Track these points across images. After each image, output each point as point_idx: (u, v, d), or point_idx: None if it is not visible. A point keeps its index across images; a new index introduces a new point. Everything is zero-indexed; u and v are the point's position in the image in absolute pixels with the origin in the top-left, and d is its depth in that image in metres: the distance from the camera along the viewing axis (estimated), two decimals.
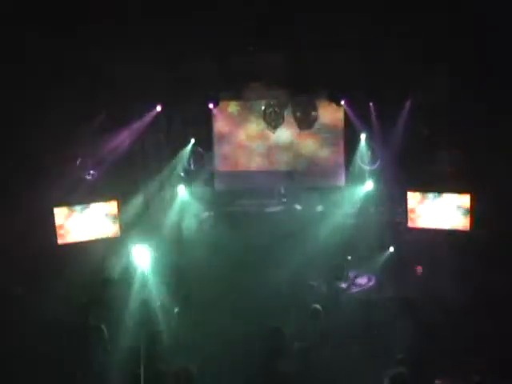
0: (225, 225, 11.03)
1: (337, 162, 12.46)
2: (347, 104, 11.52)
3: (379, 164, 11.39)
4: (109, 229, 10.48)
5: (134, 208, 11.06)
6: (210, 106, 11.82)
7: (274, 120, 11.97)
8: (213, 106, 11.72)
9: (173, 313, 8.27)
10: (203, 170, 12.07)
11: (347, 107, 11.58)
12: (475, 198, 9.96)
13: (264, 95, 11.72)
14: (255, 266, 10.41)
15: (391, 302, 8.51)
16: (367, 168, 11.50)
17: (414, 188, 10.53)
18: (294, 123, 12.15)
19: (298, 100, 11.74)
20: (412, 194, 10.51)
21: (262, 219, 11.17)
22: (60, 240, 10.10)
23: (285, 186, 11.71)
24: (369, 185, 11.26)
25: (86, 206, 10.35)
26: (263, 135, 12.54)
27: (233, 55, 10.09)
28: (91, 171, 10.81)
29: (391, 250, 10.32)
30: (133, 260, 9.94)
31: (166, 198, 11.57)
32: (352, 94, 10.92)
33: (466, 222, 10.07)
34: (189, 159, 11.80)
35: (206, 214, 11.58)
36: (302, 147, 12.53)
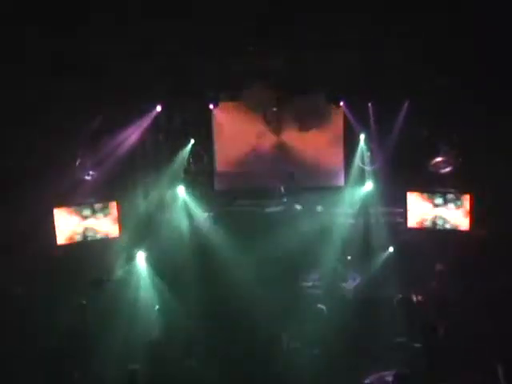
0: (225, 225, 11.02)
1: (336, 163, 12.45)
2: (346, 105, 11.51)
3: (379, 164, 11.39)
4: (108, 229, 10.48)
5: (134, 209, 11.05)
6: (210, 107, 11.80)
7: (273, 121, 11.98)
8: (213, 106, 11.71)
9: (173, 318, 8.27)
10: (203, 171, 12.05)
11: (346, 108, 11.57)
12: (475, 198, 9.98)
13: (264, 96, 11.71)
14: (255, 266, 10.45)
15: (391, 302, 8.53)
16: (367, 168, 11.49)
17: (414, 188, 10.54)
18: (294, 124, 12.16)
19: (298, 101, 11.74)
20: (411, 194, 10.52)
21: (262, 219, 11.16)
22: (59, 240, 10.10)
23: (285, 186, 11.70)
24: (368, 185, 11.27)
25: (86, 206, 10.35)
26: (263, 136, 12.54)
27: (233, 56, 10.09)
28: (91, 172, 10.79)
29: (391, 249, 10.34)
30: (132, 260, 10.01)
31: (165, 199, 11.55)
32: (351, 94, 10.92)
33: (466, 222, 10.09)
34: (188, 159, 11.78)
35: (206, 214, 11.57)
36: (302, 148, 12.53)
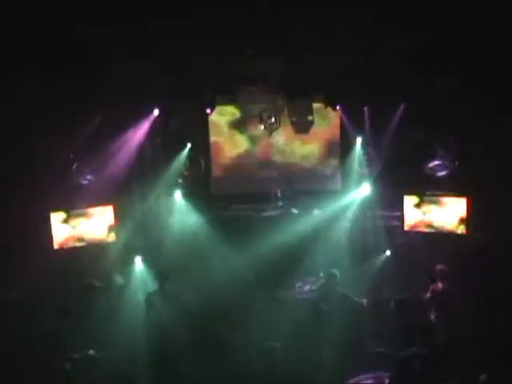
0: (221, 229, 11.01)
1: (333, 166, 12.49)
2: (342, 108, 11.52)
3: (375, 168, 11.40)
4: (105, 234, 10.47)
5: (131, 213, 11.03)
6: (207, 111, 11.80)
7: (270, 124, 11.98)
8: (209, 110, 11.71)
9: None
10: (200, 175, 12.04)
11: (342, 112, 11.58)
12: (471, 201, 9.98)
13: (260, 99, 11.73)
14: (253, 270, 10.44)
15: (388, 305, 8.51)
16: (363, 172, 11.49)
17: (411, 191, 10.54)
18: (291, 127, 12.18)
19: (295, 104, 11.75)
20: (408, 197, 10.52)
21: (259, 223, 11.15)
22: (56, 245, 10.08)
23: (281, 190, 11.69)
24: (365, 189, 11.26)
25: (83, 210, 10.34)
26: (259, 139, 12.56)
27: (230, 59, 10.10)
28: (88, 176, 10.79)
29: (388, 253, 10.33)
30: (129, 265, 9.99)
31: (162, 203, 11.54)
32: (348, 98, 10.93)
33: (463, 225, 10.09)
34: (185, 164, 11.78)
35: (203, 218, 11.56)
36: (299, 151, 12.56)
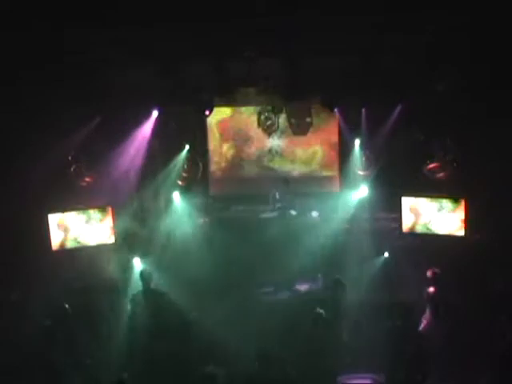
0: (220, 230, 11.02)
1: (331, 168, 12.50)
2: (340, 110, 11.51)
3: (373, 169, 11.40)
4: (103, 235, 10.45)
5: (129, 214, 11.02)
6: (206, 113, 11.78)
7: (268, 126, 11.98)
8: (208, 112, 11.70)
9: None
10: (198, 176, 12.03)
11: (340, 114, 11.58)
12: (470, 203, 9.98)
13: (259, 101, 11.73)
14: (250, 272, 10.45)
15: (387, 307, 8.53)
16: (361, 174, 11.50)
17: (409, 193, 10.55)
18: (289, 129, 12.18)
19: (293, 106, 11.76)
20: (406, 199, 10.53)
21: (257, 225, 11.16)
22: (54, 246, 10.07)
23: (279, 191, 11.69)
24: (363, 190, 11.27)
25: (81, 212, 10.32)
26: (258, 141, 12.56)
27: (228, 60, 10.09)
28: (86, 178, 10.78)
29: (386, 255, 10.34)
30: (128, 267, 9.98)
31: (160, 204, 11.53)
32: (345, 99, 10.92)
33: (461, 227, 10.09)
34: (183, 165, 11.77)
35: (201, 220, 11.56)
36: (297, 153, 12.57)
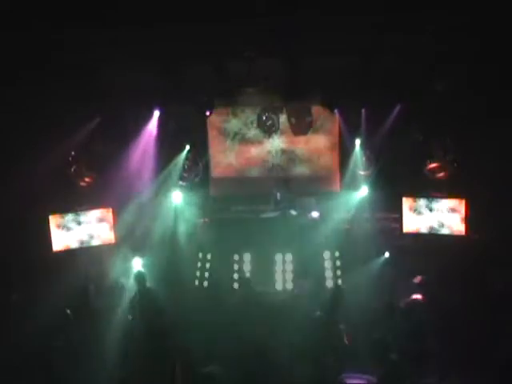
0: (220, 230, 11.02)
1: (332, 168, 12.48)
2: (340, 110, 11.52)
3: (374, 169, 11.41)
4: (104, 236, 10.47)
5: (129, 215, 11.02)
6: (207, 114, 11.78)
7: (268, 126, 11.98)
8: (208, 112, 11.70)
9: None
10: (198, 176, 12.03)
11: (340, 114, 11.58)
12: (470, 203, 9.99)
13: (259, 101, 11.73)
14: (250, 271, 10.46)
15: (387, 307, 8.52)
16: (362, 174, 11.50)
17: (409, 193, 10.56)
18: (289, 129, 12.17)
19: (293, 106, 11.75)
20: (407, 199, 10.54)
21: (258, 225, 11.15)
22: (55, 247, 10.08)
23: (280, 191, 11.69)
24: (364, 190, 11.27)
25: (81, 213, 10.33)
26: (258, 141, 12.56)
27: (229, 61, 10.09)
28: (86, 178, 10.78)
29: (386, 255, 10.34)
30: (128, 267, 9.99)
31: (160, 205, 11.53)
32: (346, 100, 10.92)
33: (461, 227, 10.10)
34: (184, 165, 11.77)
35: (201, 220, 11.55)
36: (297, 153, 12.55)
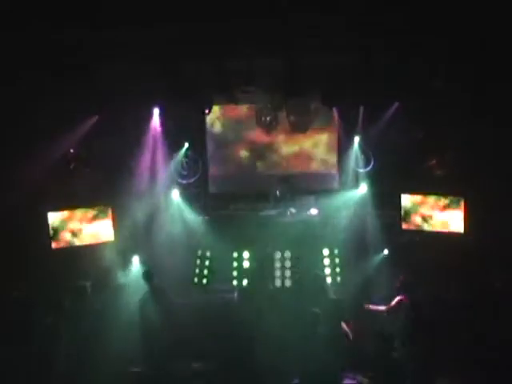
0: (219, 228, 11.03)
1: (331, 165, 12.49)
2: (339, 107, 11.51)
3: (373, 166, 11.42)
4: (103, 234, 10.47)
5: (128, 212, 11.02)
6: (206, 111, 11.77)
7: (268, 123, 11.98)
8: (207, 110, 11.70)
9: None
10: (197, 174, 12.04)
11: (339, 111, 11.58)
12: (469, 200, 10.00)
13: (258, 99, 11.72)
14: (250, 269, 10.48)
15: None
16: (361, 171, 11.51)
17: (408, 191, 10.57)
18: (289, 126, 12.16)
19: (292, 103, 11.73)
20: (406, 196, 10.55)
21: (257, 222, 11.17)
22: (54, 245, 10.08)
23: (280, 189, 11.70)
24: (363, 187, 11.28)
25: (80, 210, 10.33)
26: (257, 138, 12.56)
27: (228, 58, 10.08)
28: (85, 175, 10.78)
29: (385, 252, 10.36)
30: (128, 265, 10.01)
31: (160, 202, 11.53)
32: (345, 97, 10.92)
33: (460, 224, 10.11)
34: (182, 163, 11.77)
35: (201, 217, 11.56)
36: (297, 150, 12.56)
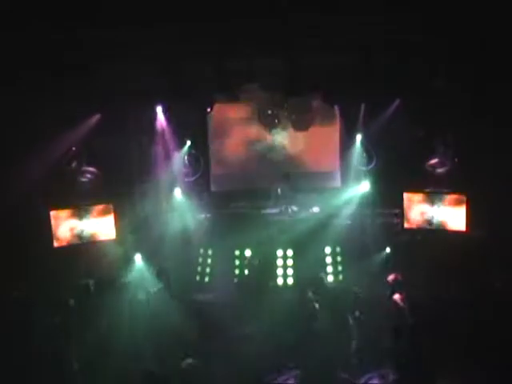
0: (221, 226, 11.04)
1: (333, 163, 12.49)
2: (341, 105, 11.51)
3: (375, 165, 11.40)
4: (105, 232, 10.47)
5: (130, 210, 11.04)
6: (207, 110, 11.77)
7: (269, 122, 11.97)
8: (209, 109, 11.70)
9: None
10: (199, 172, 12.04)
11: (341, 109, 11.57)
12: (471, 198, 9.98)
13: (259, 97, 11.71)
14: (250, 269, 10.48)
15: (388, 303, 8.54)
16: (363, 169, 11.50)
17: (410, 189, 10.55)
18: (290, 125, 12.16)
19: (294, 101, 11.73)
20: (408, 194, 10.53)
21: (258, 221, 11.17)
22: (56, 243, 10.08)
23: (281, 187, 11.70)
24: (365, 186, 11.27)
25: (82, 208, 10.33)
26: (259, 137, 12.55)
27: (229, 57, 10.08)
28: (87, 174, 10.78)
29: (387, 250, 10.35)
30: (130, 263, 10.02)
31: (162, 200, 11.55)
32: (346, 95, 10.91)
33: (462, 222, 10.09)
34: (184, 161, 11.78)
35: (203, 216, 11.56)
36: (298, 149, 12.55)
